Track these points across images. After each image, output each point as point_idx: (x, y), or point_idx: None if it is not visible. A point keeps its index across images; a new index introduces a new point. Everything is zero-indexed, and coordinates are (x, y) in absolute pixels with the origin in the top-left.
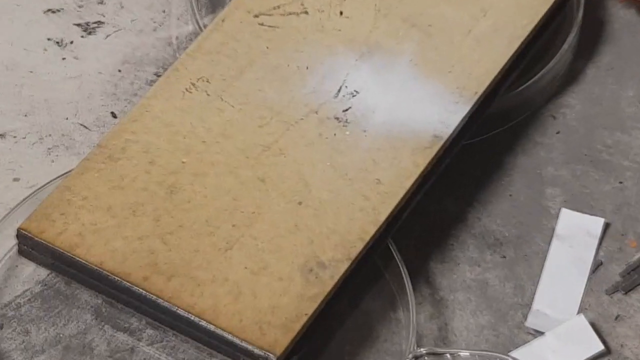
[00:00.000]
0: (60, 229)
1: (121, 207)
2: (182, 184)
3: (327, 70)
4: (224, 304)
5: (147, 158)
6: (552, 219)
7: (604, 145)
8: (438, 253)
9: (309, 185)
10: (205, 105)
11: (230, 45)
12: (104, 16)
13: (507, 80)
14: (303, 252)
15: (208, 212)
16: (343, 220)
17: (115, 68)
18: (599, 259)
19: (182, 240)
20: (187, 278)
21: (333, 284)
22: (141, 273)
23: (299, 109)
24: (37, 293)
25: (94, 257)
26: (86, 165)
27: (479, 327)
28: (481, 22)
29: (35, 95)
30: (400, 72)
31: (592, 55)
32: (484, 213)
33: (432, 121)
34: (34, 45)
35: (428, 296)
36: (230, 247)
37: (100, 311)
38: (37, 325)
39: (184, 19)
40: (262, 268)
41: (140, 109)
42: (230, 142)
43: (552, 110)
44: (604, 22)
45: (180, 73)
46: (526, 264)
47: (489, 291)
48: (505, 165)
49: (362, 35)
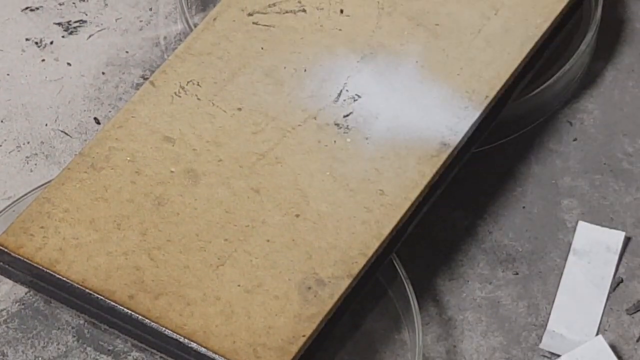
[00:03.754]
0: (40, 243)
1: (105, 220)
2: (171, 195)
3: (326, 72)
4: (216, 324)
5: (133, 167)
6: (569, 233)
7: (624, 154)
8: (446, 269)
9: (307, 196)
10: (195, 110)
11: (222, 46)
12: (86, 15)
13: (520, 84)
14: (301, 269)
15: (198, 226)
16: (344, 234)
17: (99, 70)
18: (619, 275)
19: (170, 255)
20: (176, 297)
21: (333, 303)
22: (126, 291)
23: (296, 114)
24: (14, 313)
25: (76, 274)
26: (67, 175)
27: (490, 349)
28: (492, 21)
29: (12, 99)
30: (405, 74)
31: (611, 56)
32: (495, 226)
33: (440, 127)
34: (10, 46)
35: (435, 316)
36: (222, 263)
37: (82, 332)
38: (14, 348)
39: (172, 17)
40: (256, 286)
41: (126, 115)
42: (223, 150)
43: (569, 116)
44: (624, 20)
45: (168, 76)
46: (541, 281)
47: (501, 310)
48: (518, 175)
49: (364, 35)
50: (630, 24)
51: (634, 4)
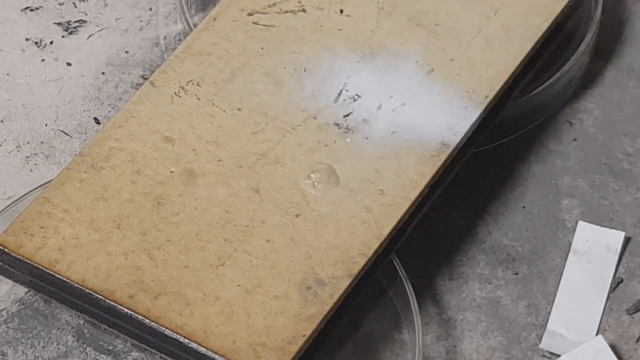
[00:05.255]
0: (39, 243)
1: (105, 220)
2: (171, 195)
3: (326, 72)
4: (216, 324)
5: (133, 167)
6: (569, 233)
7: (624, 154)
8: (446, 269)
9: (307, 196)
10: (195, 110)
11: (222, 46)
12: (86, 14)
13: (520, 84)
14: (301, 269)
15: (198, 226)
16: (344, 234)
17: (99, 70)
18: (619, 275)
19: (170, 255)
20: (176, 296)
21: (333, 302)
22: (126, 291)
23: (296, 114)
24: (14, 313)
25: (76, 274)
26: (67, 175)
27: (490, 349)
28: (492, 21)
29: (12, 99)
30: (405, 74)
31: (611, 56)
32: (495, 226)
33: (440, 127)
34: (10, 46)
35: (435, 316)
36: (222, 263)
37: (82, 332)
38: (14, 348)
39: (172, 17)
40: (256, 286)
41: (126, 115)
42: (223, 150)
43: (569, 116)
44: (624, 20)
45: (168, 76)
46: (540, 281)
47: (501, 310)
48: (518, 175)
49: (364, 35)
50: (630, 24)
51: (634, 4)
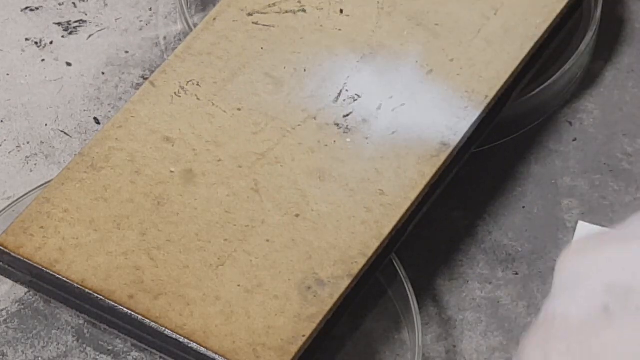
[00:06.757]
0: (39, 243)
1: (105, 220)
2: (171, 195)
3: (326, 72)
4: (216, 324)
5: (133, 167)
6: (569, 233)
7: (624, 154)
8: (446, 269)
9: (307, 196)
10: (195, 110)
11: (222, 46)
12: (86, 15)
13: (520, 84)
14: (300, 269)
15: (198, 226)
16: (343, 234)
17: (99, 70)
18: None
19: (170, 255)
20: (176, 296)
21: (333, 303)
22: (126, 291)
23: (296, 114)
24: (14, 313)
25: (76, 274)
26: (67, 175)
27: (489, 349)
28: (492, 21)
29: (12, 99)
30: (404, 74)
31: (611, 56)
32: (495, 226)
33: (440, 127)
34: (10, 46)
35: (435, 316)
36: (222, 263)
37: (82, 332)
38: (14, 348)
39: (172, 17)
40: (256, 286)
41: (125, 115)
42: (223, 150)
43: (569, 116)
44: (624, 20)
45: (168, 76)
46: (540, 281)
47: (501, 310)
48: (517, 175)
49: (364, 35)
50: (630, 24)
51: (634, 4)
